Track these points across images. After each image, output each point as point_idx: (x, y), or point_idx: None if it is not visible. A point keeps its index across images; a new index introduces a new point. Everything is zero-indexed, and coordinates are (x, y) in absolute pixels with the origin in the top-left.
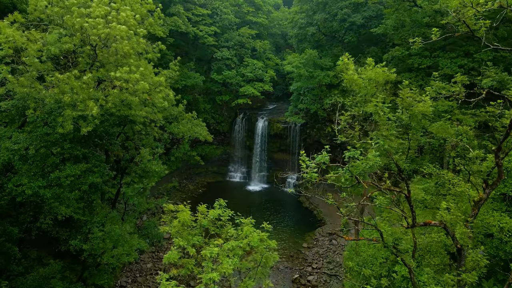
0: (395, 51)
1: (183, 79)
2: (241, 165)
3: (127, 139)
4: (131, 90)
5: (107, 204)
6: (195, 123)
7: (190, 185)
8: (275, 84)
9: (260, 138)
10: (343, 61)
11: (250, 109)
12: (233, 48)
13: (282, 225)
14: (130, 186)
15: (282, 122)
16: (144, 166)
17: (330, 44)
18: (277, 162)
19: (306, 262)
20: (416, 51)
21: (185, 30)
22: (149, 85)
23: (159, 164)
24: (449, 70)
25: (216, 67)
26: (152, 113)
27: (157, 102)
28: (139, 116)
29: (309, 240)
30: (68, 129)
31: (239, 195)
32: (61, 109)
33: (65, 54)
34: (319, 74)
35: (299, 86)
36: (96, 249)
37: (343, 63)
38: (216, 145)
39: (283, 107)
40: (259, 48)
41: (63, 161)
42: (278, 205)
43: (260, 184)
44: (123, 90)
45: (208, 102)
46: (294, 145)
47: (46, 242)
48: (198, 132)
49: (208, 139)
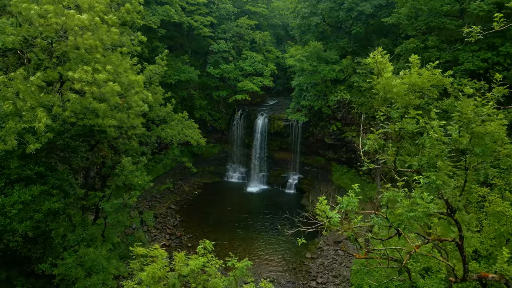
0: (409, 44)
1: (177, 73)
2: (239, 165)
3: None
4: (97, 93)
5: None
6: (187, 124)
7: (185, 187)
8: (276, 78)
9: (260, 136)
10: (374, 58)
11: (249, 105)
12: (230, 40)
13: (284, 232)
14: (110, 200)
15: (283, 119)
16: (125, 178)
17: (335, 35)
18: (278, 162)
19: (310, 276)
20: (433, 43)
21: (178, 20)
22: (124, 86)
23: (143, 175)
24: (470, 65)
25: (212, 60)
26: (127, 120)
27: (134, 106)
28: (110, 126)
29: (313, 250)
30: (11, 146)
31: (238, 197)
32: (2, 120)
33: (19, 48)
34: (324, 68)
35: (301, 81)
36: (69, 275)
37: (374, 61)
38: (213, 143)
39: (284, 103)
40: (258, 40)
41: (11, 183)
42: (279, 208)
43: (260, 185)
44: (87, 94)
45: (204, 98)
46: (296, 143)
47: (17, 261)
48: (190, 135)
49: (200, 143)
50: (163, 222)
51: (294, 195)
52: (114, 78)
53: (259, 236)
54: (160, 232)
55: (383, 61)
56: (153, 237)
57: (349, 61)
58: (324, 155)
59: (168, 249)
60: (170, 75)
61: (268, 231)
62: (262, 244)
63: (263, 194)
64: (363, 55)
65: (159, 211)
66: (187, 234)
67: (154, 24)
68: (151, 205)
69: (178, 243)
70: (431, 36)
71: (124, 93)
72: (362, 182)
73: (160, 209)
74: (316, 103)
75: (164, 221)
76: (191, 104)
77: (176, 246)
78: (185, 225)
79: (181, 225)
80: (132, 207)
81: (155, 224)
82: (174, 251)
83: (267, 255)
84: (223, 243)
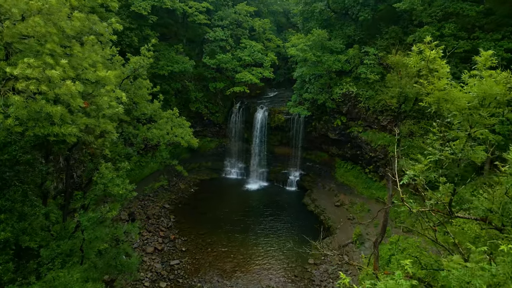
0: (424, 32)
1: (170, 64)
2: (238, 160)
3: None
4: (51, 95)
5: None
6: (177, 122)
7: (180, 184)
8: (276, 68)
9: (260, 130)
10: (421, 53)
11: (248, 97)
12: (228, 27)
13: (285, 234)
14: (87, 212)
15: (284, 112)
16: (104, 187)
17: (341, 23)
18: (278, 157)
19: (313, 284)
20: (451, 31)
21: (171, 6)
22: (89, 85)
23: (125, 183)
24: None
25: (208, 50)
26: (96, 126)
27: (104, 108)
28: (70, 135)
29: (315, 254)
30: None
31: (236, 195)
32: None
33: None
34: (328, 58)
35: (304, 73)
36: None
37: (420, 59)
38: (210, 137)
39: (285, 95)
40: (258, 28)
41: None
42: (279, 207)
43: (259, 182)
44: (37, 96)
45: (201, 90)
46: (298, 138)
47: None
48: (180, 134)
49: (192, 144)
50: (156, 224)
51: (295, 193)
52: (78, 75)
53: (258, 239)
54: (152, 235)
55: (435, 57)
56: (145, 240)
57: (356, 51)
58: (327, 150)
59: (161, 254)
60: (162, 65)
61: (268, 234)
62: (261, 248)
63: (262, 192)
64: (371, 44)
65: (152, 211)
66: (182, 237)
67: (144, 10)
68: (144, 204)
69: (172, 247)
70: (448, 23)
71: (93, 92)
72: (368, 180)
73: (153, 208)
74: (319, 96)
75: (157, 222)
76: (186, 97)
77: (170, 251)
78: (179, 226)
79: (175, 226)
80: (122, 207)
81: (147, 226)
82: (167, 256)
83: (267, 261)
84: (220, 249)
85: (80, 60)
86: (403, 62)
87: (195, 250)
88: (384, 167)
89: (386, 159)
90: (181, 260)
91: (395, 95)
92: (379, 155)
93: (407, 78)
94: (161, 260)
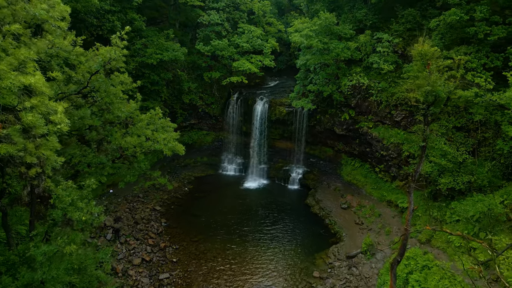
0: (450, 16)
1: (159, 51)
2: (236, 155)
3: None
4: None
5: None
6: (161, 124)
7: (174, 182)
8: (278, 55)
9: (259, 124)
10: None
11: (247, 87)
12: (224, 10)
13: (287, 241)
14: (44, 245)
15: (286, 104)
16: (64, 210)
17: (351, 5)
18: (279, 152)
19: None
20: (482, 15)
21: None
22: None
23: (90, 205)
24: None
25: (202, 35)
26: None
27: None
28: None
29: (321, 265)
30: None
31: (233, 194)
32: None
33: None
34: (336, 46)
35: (309, 62)
36: None
37: None
38: (206, 130)
39: (286, 84)
40: (257, 11)
41: None
42: (281, 209)
43: (259, 179)
44: None
45: (194, 80)
46: (301, 132)
47: None
48: (162, 141)
49: (178, 151)
50: (144, 230)
51: (298, 192)
52: None
53: (257, 249)
54: (140, 243)
55: None
56: (131, 250)
57: (368, 37)
58: (332, 145)
59: (149, 265)
60: (150, 53)
61: (268, 243)
62: (261, 259)
63: (262, 191)
64: (384, 30)
65: (141, 215)
66: (173, 244)
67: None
68: (132, 207)
69: (162, 257)
70: (479, 6)
71: (17, 106)
72: (378, 180)
73: (142, 212)
74: (326, 88)
75: (146, 228)
76: (178, 87)
77: (159, 262)
78: (171, 232)
79: (166, 232)
80: (106, 211)
81: (134, 232)
82: (156, 269)
83: (267, 275)
84: (215, 261)
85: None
86: (432, 54)
87: (187, 261)
88: (397, 168)
89: (399, 159)
90: (171, 273)
91: (422, 93)
92: (392, 154)
93: (437, 73)
94: (149, 274)
